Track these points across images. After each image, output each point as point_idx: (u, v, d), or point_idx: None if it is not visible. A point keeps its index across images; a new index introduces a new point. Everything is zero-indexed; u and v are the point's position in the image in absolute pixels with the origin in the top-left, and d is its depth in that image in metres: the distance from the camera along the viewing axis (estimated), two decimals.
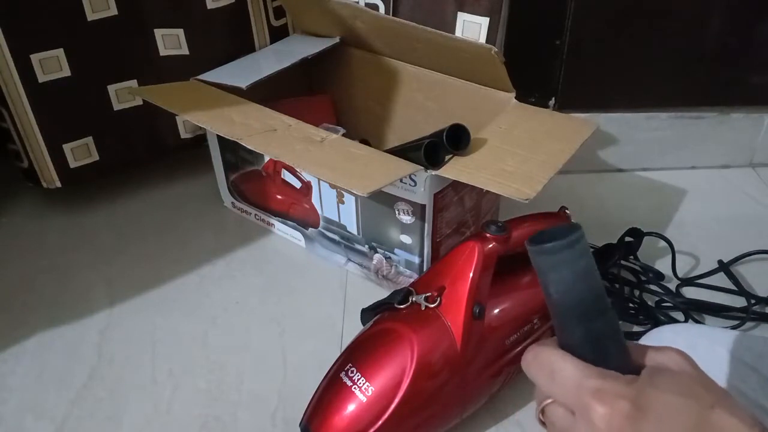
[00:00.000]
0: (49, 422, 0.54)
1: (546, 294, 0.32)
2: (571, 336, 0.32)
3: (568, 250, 0.31)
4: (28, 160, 0.74)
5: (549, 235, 0.31)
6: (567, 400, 0.31)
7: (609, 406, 0.28)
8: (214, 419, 0.54)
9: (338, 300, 0.66)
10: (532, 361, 0.33)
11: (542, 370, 0.32)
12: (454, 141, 0.58)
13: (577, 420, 0.30)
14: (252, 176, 0.73)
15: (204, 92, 0.70)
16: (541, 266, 0.32)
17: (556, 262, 0.31)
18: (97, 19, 0.70)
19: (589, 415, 0.29)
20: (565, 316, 0.32)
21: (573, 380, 0.30)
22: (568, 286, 0.31)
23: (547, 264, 0.31)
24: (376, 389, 0.46)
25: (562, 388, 0.31)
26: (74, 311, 0.65)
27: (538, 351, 0.32)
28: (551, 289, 0.32)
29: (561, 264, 0.31)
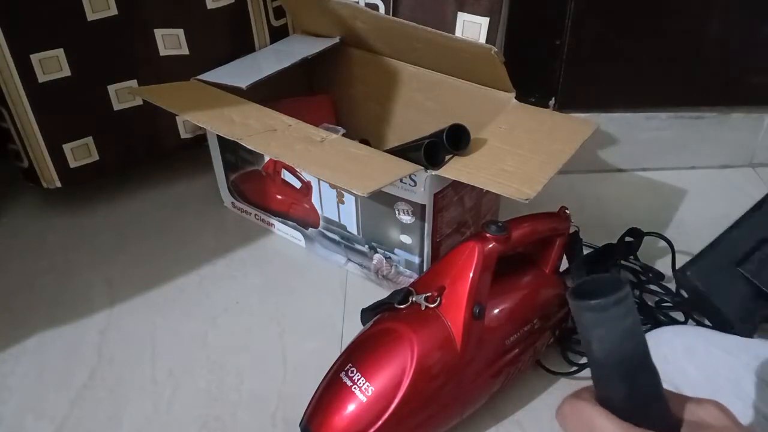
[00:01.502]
0: (49, 422, 0.54)
1: (587, 349, 0.31)
2: (613, 393, 0.31)
3: (615, 308, 0.30)
4: (28, 160, 0.74)
5: (592, 286, 0.30)
6: None
7: None
8: (214, 419, 0.54)
9: (338, 300, 0.66)
10: (569, 415, 0.32)
11: (581, 427, 0.31)
12: (454, 141, 0.58)
13: None
14: (252, 176, 0.73)
15: (204, 92, 0.70)
16: (585, 322, 0.31)
17: (602, 319, 0.30)
18: (97, 19, 0.70)
19: None
20: (607, 374, 0.31)
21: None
22: (613, 345, 0.30)
23: (591, 320, 0.30)
24: (376, 389, 0.46)
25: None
26: (74, 311, 0.65)
27: (575, 405, 0.31)
28: (595, 345, 0.31)
29: (607, 321, 0.30)
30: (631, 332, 0.30)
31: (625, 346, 0.30)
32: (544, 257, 0.57)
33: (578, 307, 0.30)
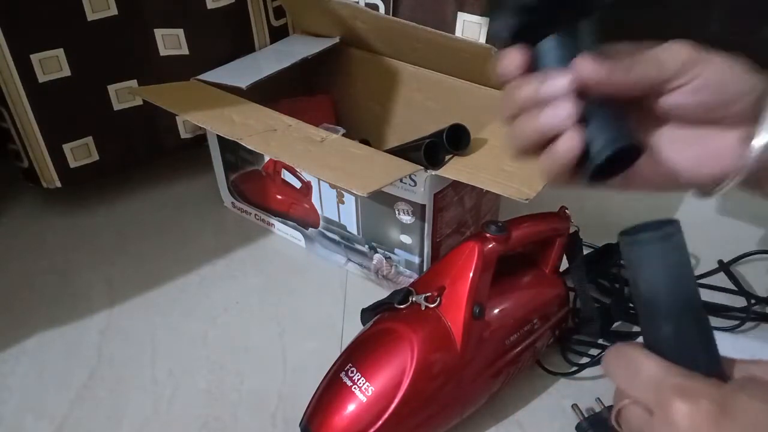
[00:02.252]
0: (49, 422, 0.54)
1: (634, 289, 0.31)
2: (658, 335, 0.30)
3: (662, 243, 0.29)
4: (28, 160, 0.74)
5: (644, 228, 0.30)
6: (647, 397, 0.29)
7: (692, 403, 0.27)
8: (214, 419, 0.54)
9: (338, 300, 0.66)
10: (613, 358, 0.31)
11: (624, 368, 0.31)
12: (454, 141, 0.58)
13: (656, 419, 0.28)
14: (252, 176, 0.73)
15: (204, 92, 0.70)
16: (632, 258, 0.30)
17: (647, 254, 0.30)
18: (97, 19, 0.70)
19: (669, 411, 0.28)
20: (652, 313, 0.30)
21: (656, 377, 0.29)
22: (657, 281, 0.30)
23: (637, 256, 0.30)
24: (376, 389, 0.46)
25: (643, 384, 0.30)
26: (74, 311, 0.65)
27: (620, 348, 0.31)
28: (640, 282, 0.30)
29: (652, 256, 0.30)
30: (679, 271, 0.30)
31: (671, 285, 0.30)
32: (544, 257, 0.57)
33: (625, 243, 0.30)
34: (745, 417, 0.27)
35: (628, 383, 0.30)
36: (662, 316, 0.30)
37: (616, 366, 0.31)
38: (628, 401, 0.30)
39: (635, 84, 0.34)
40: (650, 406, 0.29)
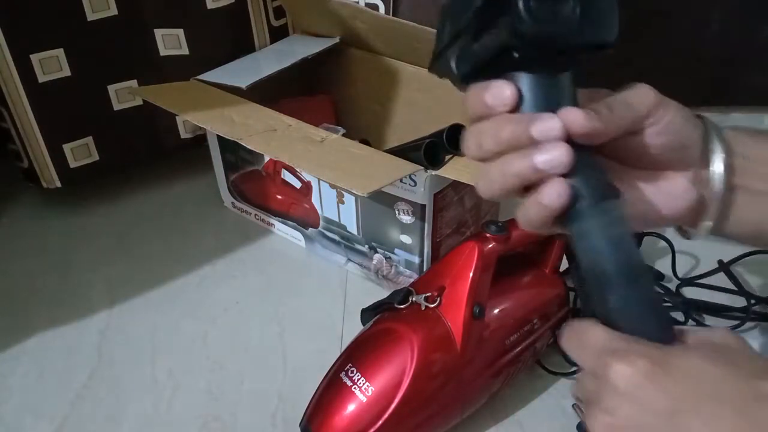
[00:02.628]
0: (49, 422, 0.54)
1: (582, 264, 0.32)
2: (606, 307, 0.31)
3: (601, 217, 0.31)
4: (28, 160, 0.74)
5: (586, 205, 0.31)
6: (592, 365, 0.30)
7: (628, 364, 0.28)
8: (214, 419, 0.54)
9: (338, 300, 0.66)
10: (567, 333, 0.32)
11: (575, 340, 0.32)
12: (454, 141, 0.58)
13: (599, 383, 0.29)
14: (252, 176, 0.73)
15: (204, 92, 0.70)
16: (574, 233, 0.32)
17: (588, 228, 0.31)
18: (97, 19, 0.70)
19: (608, 374, 0.28)
20: (599, 286, 0.31)
21: (599, 344, 0.30)
22: (600, 253, 0.31)
23: (578, 231, 0.31)
24: (376, 389, 0.46)
25: (589, 353, 0.30)
26: (74, 311, 0.65)
27: (574, 323, 0.32)
28: (583, 257, 0.31)
29: (593, 230, 0.31)
30: (620, 242, 0.31)
31: (613, 257, 0.30)
32: (544, 257, 0.57)
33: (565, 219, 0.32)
34: (683, 374, 0.27)
35: (578, 354, 0.31)
36: (608, 288, 0.31)
37: (569, 340, 0.32)
38: (581, 373, 0.32)
39: (615, 131, 0.33)
40: (595, 375, 0.30)
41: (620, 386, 0.28)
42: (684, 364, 0.28)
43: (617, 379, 0.28)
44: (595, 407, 0.29)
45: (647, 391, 0.27)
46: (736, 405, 0.26)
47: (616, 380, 0.28)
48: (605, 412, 0.28)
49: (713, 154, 0.36)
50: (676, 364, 0.28)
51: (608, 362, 0.28)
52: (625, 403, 0.28)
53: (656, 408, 0.27)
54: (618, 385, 0.28)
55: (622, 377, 0.28)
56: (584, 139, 0.31)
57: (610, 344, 0.30)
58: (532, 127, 0.31)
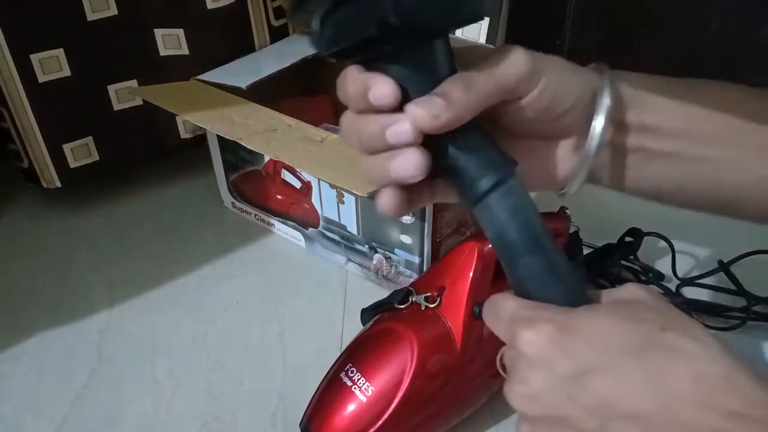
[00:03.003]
0: (49, 422, 0.54)
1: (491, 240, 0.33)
2: (516, 278, 0.32)
3: (493, 192, 0.31)
4: (28, 160, 0.74)
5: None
6: (505, 335, 0.30)
7: (534, 329, 0.28)
8: (214, 419, 0.54)
9: (338, 300, 0.66)
10: (485, 308, 0.33)
11: (490, 313, 0.32)
12: None
13: (511, 353, 0.30)
14: (252, 176, 0.73)
15: (204, 92, 0.70)
16: (471, 209, 0.33)
17: (483, 203, 0.32)
18: (97, 19, 0.70)
19: (517, 343, 0.28)
20: (507, 257, 0.32)
21: (509, 313, 0.30)
22: (501, 225, 0.31)
23: (475, 208, 0.32)
24: (376, 389, 0.46)
25: (501, 323, 0.31)
26: (74, 311, 0.65)
27: (491, 297, 0.33)
28: (489, 231, 0.32)
29: (488, 205, 0.32)
30: (520, 212, 0.31)
31: (515, 227, 0.31)
32: None
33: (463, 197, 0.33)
34: (588, 333, 0.27)
35: (495, 327, 0.32)
36: (513, 258, 0.31)
37: (487, 313, 0.33)
38: (504, 347, 0.32)
39: (474, 110, 0.31)
40: (511, 345, 0.30)
41: (528, 353, 0.28)
42: (589, 323, 0.28)
43: (524, 346, 0.28)
44: (511, 378, 0.29)
45: (553, 355, 0.27)
46: (638, 356, 0.26)
47: (524, 348, 0.28)
48: (519, 382, 0.29)
49: (596, 112, 0.34)
50: (581, 325, 0.27)
51: (516, 331, 0.29)
52: (535, 370, 0.28)
53: (563, 371, 0.27)
54: (526, 352, 0.28)
55: (529, 344, 0.28)
56: (438, 131, 0.30)
57: (518, 313, 0.30)
58: (387, 132, 0.30)
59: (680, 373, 0.25)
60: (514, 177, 0.32)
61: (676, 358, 0.25)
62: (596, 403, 0.26)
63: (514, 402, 0.29)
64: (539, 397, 0.28)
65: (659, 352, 0.26)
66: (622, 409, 0.25)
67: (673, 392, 0.25)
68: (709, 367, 0.25)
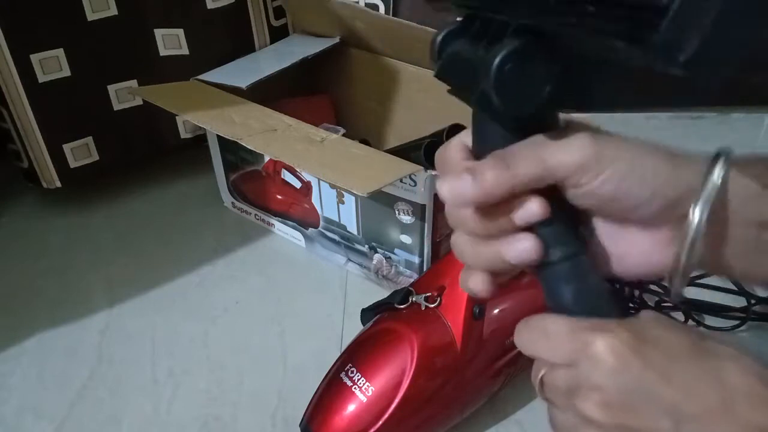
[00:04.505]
0: (49, 422, 0.54)
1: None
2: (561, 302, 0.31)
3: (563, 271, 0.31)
4: (28, 160, 0.74)
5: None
6: (563, 351, 0.29)
7: (611, 336, 0.28)
8: (214, 419, 0.54)
9: (338, 300, 0.66)
10: (522, 331, 0.32)
11: (534, 334, 0.31)
12: None
13: (580, 365, 0.28)
14: (252, 176, 0.73)
15: (204, 92, 0.70)
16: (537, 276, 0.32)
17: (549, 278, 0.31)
18: (97, 19, 0.70)
19: (591, 350, 0.28)
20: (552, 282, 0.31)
21: (567, 328, 0.29)
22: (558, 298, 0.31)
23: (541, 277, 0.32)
24: (376, 389, 0.46)
25: (556, 341, 0.30)
26: (74, 311, 0.65)
27: (527, 320, 0.32)
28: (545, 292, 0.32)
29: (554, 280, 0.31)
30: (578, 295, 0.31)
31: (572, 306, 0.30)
32: None
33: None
34: (660, 342, 0.28)
35: (542, 347, 0.31)
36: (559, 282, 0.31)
37: (527, 337, 0.31)
38: (545, 369, 0.31)
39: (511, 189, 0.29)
40: (569, 360, 0.29)
41: (608, 361, 0.27)
42: (656, 333, 0.28)
43: (603, 352, 0.27)
44: (579, 393, 0.29)
45: (635, 363, 0.27)
46: (696, 361, 0.27)
47: (601, 354, 0.27)
48: (595, 390, 0.28)
49: (694, 205, 0.29)
50: (651, 334, 0.28)
51: (588, 339, 0.28)
52: (614, 378, 0.27)
53: (644, 378, 0.27)
54: (605, 359, 0.27)
55: (607, 349, 0.27)
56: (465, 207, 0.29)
57: (580, 324, 0.29)
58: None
59: (732, 369, 0.27)
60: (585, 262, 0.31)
61: (724, 359, 0.27)
62: (671, 407, 0.27)
63: (589, 414, 0.28)
64: (619, 405, 0.28)
65: (708, 356, 0.28)
66: (691, 409, 0.27)
67: (730, 386, 0.26)
68: (750, 364, 0.27)
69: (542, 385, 0.31)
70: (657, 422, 0.27)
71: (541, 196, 0.29)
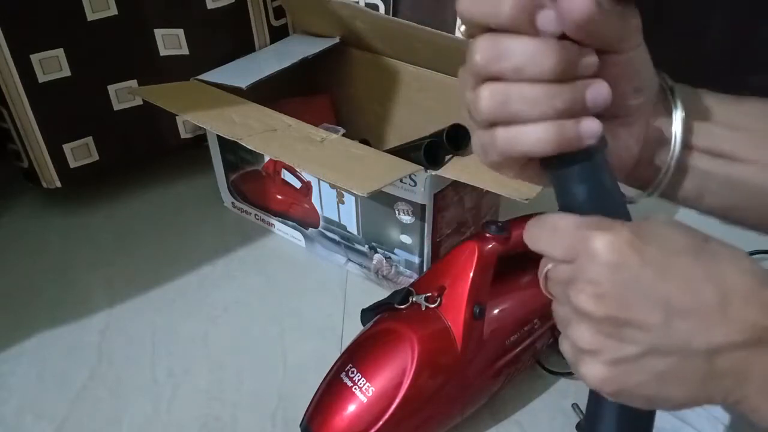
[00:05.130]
0: (49, 422, 0.54)
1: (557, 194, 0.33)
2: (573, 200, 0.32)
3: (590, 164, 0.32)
4: (28, 160, 0.74)
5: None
6: (567, 246, 0.30)
7: (611, 232, 0.28)
8: (214, 419, 0.54)
9: (338, 300, 0.66)
10: (532, 227, 0.32)
11: (543, 230, 0.32)
12: (454, 141, 0.58)
13: (579, 261, 0.29)
14: (252, 176, 0.73)
15: (204, 92, 0.70)
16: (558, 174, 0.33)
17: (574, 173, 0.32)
18: (97, 19, 0.70)
19: (591, 246, 0.29)
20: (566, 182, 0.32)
21: (573, 224, 0.30)
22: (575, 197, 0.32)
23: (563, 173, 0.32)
24: (376, 390, 0.46)
25: (562, 236, 0.30)
26: (74, 311, 0.65)
27: (539, 217, 0.32)
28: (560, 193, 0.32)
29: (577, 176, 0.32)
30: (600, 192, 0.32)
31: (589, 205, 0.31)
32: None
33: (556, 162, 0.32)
34: (661, 240, 0.29)
35: (548, 243, 0.31)
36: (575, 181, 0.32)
37: (536, 232, 0.32)
38: (550, 264, 0.31)
39: (603, 34, 0.30)
40: (572, 254, 0.30)
41: (606, 255, 0.28)
42: (656, 231, 0.29)
43: (601, 248, 0.28)
44: (575, 285, 0.29)
45: (633, 259, 0.28)
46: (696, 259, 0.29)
47: (600, 249, 0.28)
48: (590, 283, 0.29)
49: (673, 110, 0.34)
50: (651, 232, 0.29)
51: (589, 235, 0.29)
52: (613, 272, 0.28)
53: (639, 274, 0.28)
54: (604, 254, 0.28)
55: (606, 245, 0.28)
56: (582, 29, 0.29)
57: (586, 221, 0.30)
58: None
59: (730, 269, 0.28)
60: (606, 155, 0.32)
61: (724, 259, 0.29)
62: (663, 301, 0.28)
63: (582, 304, 0.29)
64: (611, 297, 0.28)
65: (710, 255, 0.29)
66: (685, 304, 0.28)
67: (727, 285, 0.28)
68: (749, 265, 0.29)
69: (546, 281, 0.32)
70: (648, 315, 0.28)
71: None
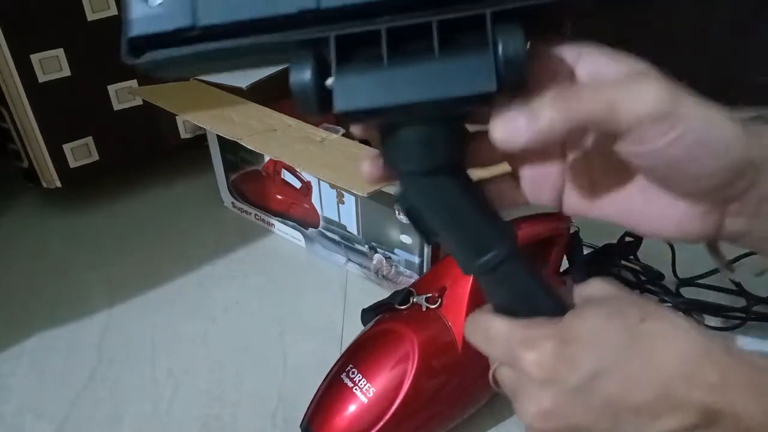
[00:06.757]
0: (49, 422, 0.54)
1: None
2: (498, 297, 0.32)
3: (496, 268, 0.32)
4: (28, 160, 0.74)
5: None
6: (503, 358, 0.30)
7: (535, 350, 0.28)
8: (214, 419, 0.54)
9: (338, 300, 0.66)
10: (469, 327, 0.32)
11: (479, 334, 0.32)
12: None
13: (516, 375, 0.30)
14: (252, 176, 0.73)
15: (204, 92, 0.70)
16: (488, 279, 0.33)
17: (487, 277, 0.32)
18: (97, 19, 0.70)
19: (522, 365, 0.28)
20: (489, 281, 0.32)
21: (503, 336, 0.30)
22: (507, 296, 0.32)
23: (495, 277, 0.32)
24: (377, 390, 0.46)
25: (497, 347, 0.31)
26: (74, 311, 0.65)
27: (473, 315, 0.32)
28: (493, 293, 0.33)
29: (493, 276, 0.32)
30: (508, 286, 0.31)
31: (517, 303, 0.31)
32: (544, 257, 0.57)
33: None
34: (583, 338, 0.28)
35: (487, 348, 0.31)
36: (497, 286, 0.32)
37: (473, 334, 0.32)
38: (496, 364, 0.32)
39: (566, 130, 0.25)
40: (509, 361, 0.30)
41: (536, 374, 0.28)
42: (583, 330, 0.28)
43: (531, 368, 0.28)
44: (520, 398, 0.29)
45: (561, 371, 0.27)
46: (630, 350, 0.27)
47: (530, 369, 0.28)
48: (531, 402, 0.29)
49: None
50: (577, 334, 0.28)
51: (519, 354, 0.29)
52: (546, 389, 0.28)
53: (574, 383, 0.27)
54: (534, 373, 0.28)
55: (536, 365, 0.28)
56: (528, 146, 0.25)
57: (513, 334, 0.30)
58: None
59: (667, 356, 0.26)
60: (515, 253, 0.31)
61: (660, 344, 0.27)
62: (607, 405, 0.27)
63: (528, 421, 0.29)
64: (554, 413, 0.28)
65: (646, 342, 0.27)
66: (631, 403, 0.27)
67: (666, 375, 0.26)
68: (690, 346, 0.27)
69: (494, 377, 0.32)
70: (596, 421, 0.27)
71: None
